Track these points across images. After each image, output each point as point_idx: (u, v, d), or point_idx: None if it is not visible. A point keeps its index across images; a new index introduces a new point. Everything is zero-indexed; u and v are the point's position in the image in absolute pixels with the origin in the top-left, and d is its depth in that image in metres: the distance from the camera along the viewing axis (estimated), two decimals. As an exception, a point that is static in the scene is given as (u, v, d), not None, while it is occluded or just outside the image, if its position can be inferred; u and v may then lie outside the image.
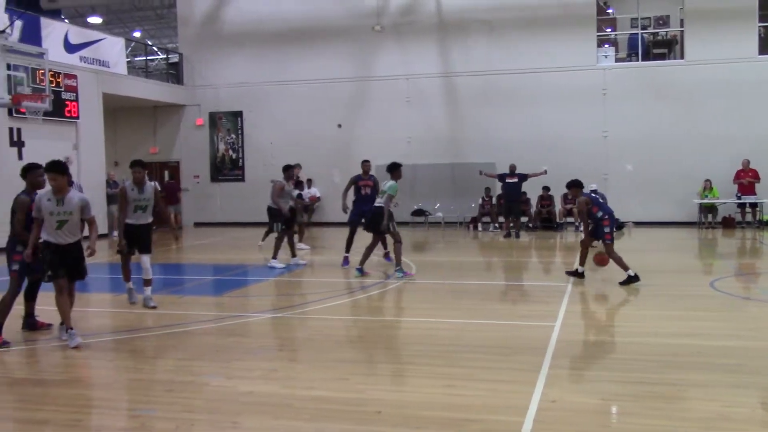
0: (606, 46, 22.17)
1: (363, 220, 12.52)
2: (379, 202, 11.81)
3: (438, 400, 5.58)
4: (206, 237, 20.31)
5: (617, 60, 21.84)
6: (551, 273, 13.16)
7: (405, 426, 5.03)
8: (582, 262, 11.36)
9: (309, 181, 22.89)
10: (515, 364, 6.60)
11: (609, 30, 22.93)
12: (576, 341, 7.40)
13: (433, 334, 7.94)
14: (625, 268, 10.75)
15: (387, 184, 11.83)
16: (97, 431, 5.09)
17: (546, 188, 20.42)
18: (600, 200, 11.75)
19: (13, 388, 6.28)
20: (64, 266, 7.53)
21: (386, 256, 13.23)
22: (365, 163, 13.73)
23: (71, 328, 7.55)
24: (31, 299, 8.22)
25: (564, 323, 8.17)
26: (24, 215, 7.80)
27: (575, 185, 11.67)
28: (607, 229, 10.92)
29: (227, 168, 24.51)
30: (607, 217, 10.98)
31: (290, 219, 13.68)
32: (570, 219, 20.35)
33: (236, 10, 24.05)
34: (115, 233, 20.38)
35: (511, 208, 19.02)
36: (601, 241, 11.11)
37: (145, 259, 9.59)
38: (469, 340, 7.65)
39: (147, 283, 9.64)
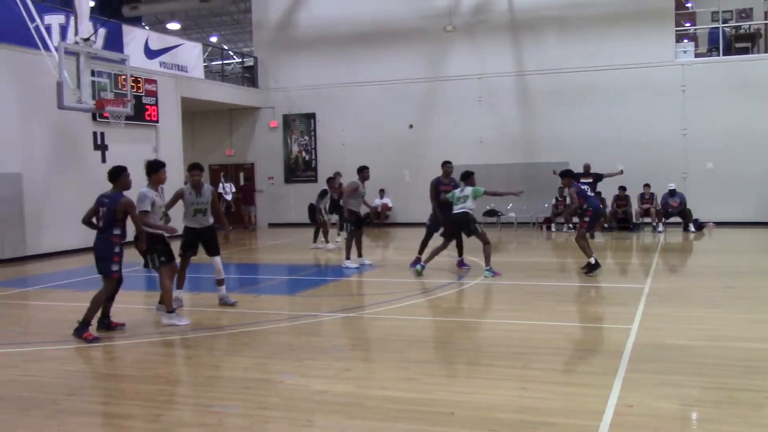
0: (685, 41, 21.52)
1: (442, 227, 12.68)
2: (463, 207, 11.97)
3: (512, 402, 5.53)
4: (280, 237, 20.64)
5: (697, 55, 21.17)
6: (628, 274, 12.86)
7: (479, 428, 5.01)
8: (589, 254, 11.79)
9: (381, 191, 23.03)
10: (591, 367, 6.49)
11: (688, 24, 22.26)
12: (654, 344, 7.21)
13: (506, 336, 7.87)
14: (589, 255, 11.62)
15: (467, 189, 12.06)
16: (178, 426, 5.23)
17: (622, 188, 19.97)
18: (587, 193, 12.26)
19: (100, 383, 6.53)
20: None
21: (461, 263, 12.94)
22: (447, 165, 13.05)
23: (173, 311, 8.53)
24: (109, 300, 8.47)
25: (641, 326, 7.97)
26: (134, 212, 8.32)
27: (567, 175, 12.31)
28: (586, 219, 11.90)
29: (300, 169, 24.85)
30: (591, 209, 11.84)
31: (360, 220, 13.70)
32: (647, 219, 19.85)
33: (309, 14, 24.37)
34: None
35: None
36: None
37: (217, 260, 9.72)
38: (544, 342, 7.55)
39: (220, 282, 9.85)
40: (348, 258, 13.34)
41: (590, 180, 18.42)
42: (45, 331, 8.91)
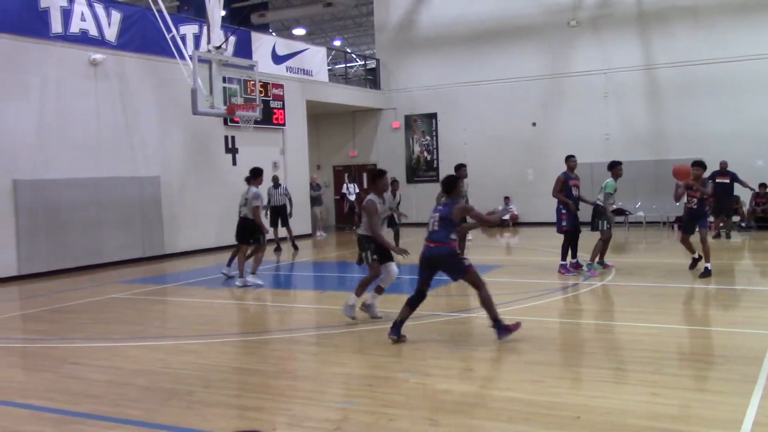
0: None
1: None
2: (598, 200, 12.10)
3: (642, 409, 5.34)
4: (403, 237, 20.78)
5: (844, 42, 19.67)
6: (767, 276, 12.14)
7: (606, 433, 4.87)
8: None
9: (506, 199, 22.75)
10: (727, 373, 6.17)
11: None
12: (798, 352, 6.77)
13: (636, 339, 7.60)
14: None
15: (605, 182, 12.18)
16: (304, 420, 5.38)
17: (762, 185, 18.84)
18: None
19: (232, 377, 6.82)
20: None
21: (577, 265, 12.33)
22: (572, 160, 12.50)
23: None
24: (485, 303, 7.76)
25: (784, 332, 7.51)
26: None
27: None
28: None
29: (422, 169, 24.97)
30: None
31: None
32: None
33: (430, 15, 24.45)
34: (319, 233, 21.65)
35: (722, 207, 17.69)
36: None
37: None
38: (676, 346, 7.24)
39: (379, 290, 9.09)
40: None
41: (727, 180, 17.45)
42: (181, 326, 9.39)
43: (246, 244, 12.35)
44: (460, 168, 13.01)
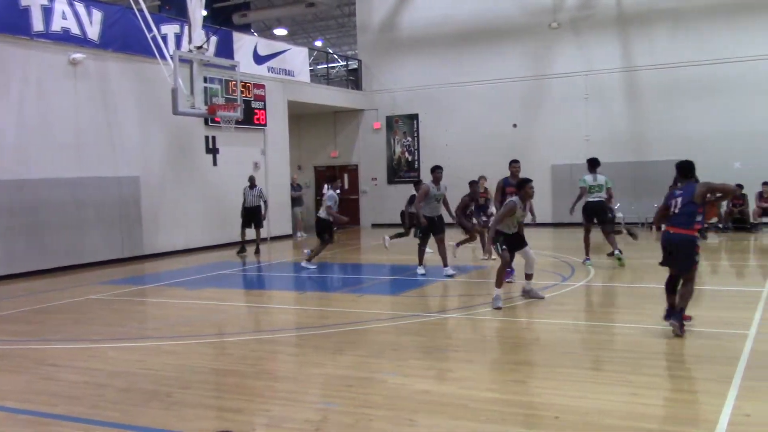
0: (809, 30, 20.29)
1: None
2: (599, 196, 12.86)
3: (621, 409, 5.38)
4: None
5: (822, 45, 19.93)
6: (745, 277, 12.26)
7: (584, 433, 4.91)
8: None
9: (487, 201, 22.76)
10: (704, 373, 6.23)
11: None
12: (774, 352, 6.86)
13: (614, 339, 7.66)
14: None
15: (600, 177, 13.04)
16: (284, 422, 5.38)
17: (739, 186, 18.99)
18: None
19: (212, 378, 6.80)
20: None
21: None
22: (514, 165, 12.36)
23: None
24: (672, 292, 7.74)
25: (759, 331, 7.59)
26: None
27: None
28: None
29: (403, 170, 24.99)
30: None
31: (435, 226, 12.40)
32: (766, 219, 18.84)
33: (412, 16, 24.48)
34: (300, 234, 21.60)
35: None
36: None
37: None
38: (654, 346, 7.30)
39: (528, 277, 9.94)
40: (420, 264, 12.70)
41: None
42: (161, 326, 9.34)
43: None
44: (435, 170, 12.47)
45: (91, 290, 12.30)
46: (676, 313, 7.44)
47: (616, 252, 12.77)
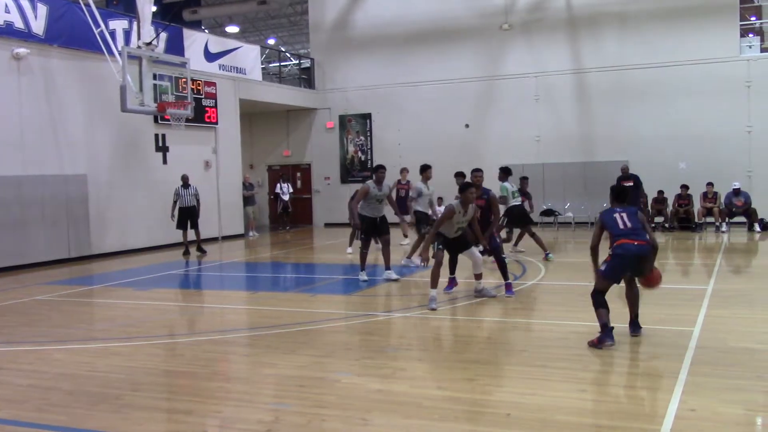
0: (750, 35, 20.91)
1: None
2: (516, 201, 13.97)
3: (571, 405, 5.47)
4: (337, 237, 20.76)
5: (762, 50, 20.54)
6: (690, 275, 12.57)
7: (536, 430, 4.96)
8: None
9: (440, 199, 22.90)
10: (651, 369, 6.36)
11: (753, 18, 21.63)
12: (717, 347, 7.03)
13: (565, 337, 7.77)
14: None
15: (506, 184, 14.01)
16: (236, 423, 5.32)
17: (684, 186, 19.52)
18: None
19: (161, 379, 6.69)
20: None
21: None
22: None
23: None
24: None
25: (704, 328, 7.79)
26: None
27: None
28: None
29: (356, 169, 24.98)
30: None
31: (376, 227, 11.98)
32: (710, 219, 19.34)
33: (365, 15, 24.49)
34: (252, 233, 21.43)
35: None
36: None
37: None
38: (602, 343, 7.41)
39: (478, 277, 10.02)
40: (362, 269, 11.96)
41: (630, 183, 17.88)
42: (109, 327, 9.16)
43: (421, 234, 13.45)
44: (378, 169, 11.95)
45: (37, 291, 12.00)
46: (635, 321, 7.54)
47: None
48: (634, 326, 7.52)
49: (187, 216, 16.70)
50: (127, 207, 17.49)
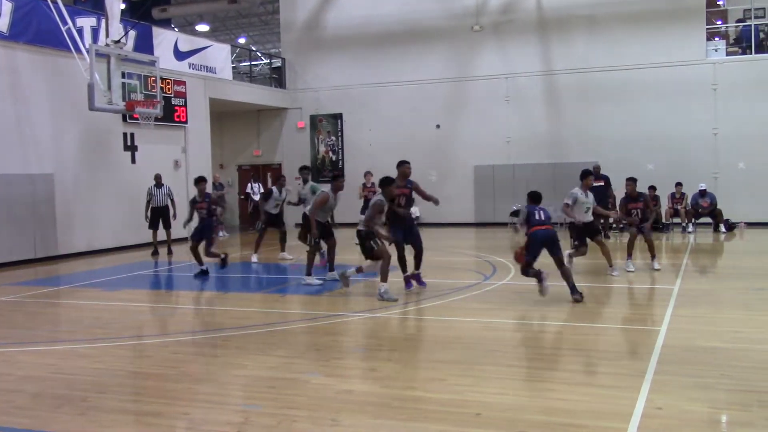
0: (716, 39, 21.24)
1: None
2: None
3: (540, 404, 5.51)
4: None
5: (728, 53, 20.88)
6: (657, 275, 12.72)
7: (505, 429, 4.98)
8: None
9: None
10: (619, 368, 6.43)
11: (719, 22, 21.97)
12: (683, 346, 7.13)
13: (533, 337, 7.82)
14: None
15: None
16: (204, 425, 5.28)
17: (652, 187, 19.70)
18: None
19: (128, 381, 6.60)
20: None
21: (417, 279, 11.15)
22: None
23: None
24: None
25: (670, 327, 7.89)
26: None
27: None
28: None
29: (327, 169, 24.91)
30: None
31: (328, 231, 12.21)
32: (677, 219, 19.61)
33: (336, 15, 24.45)
34: (222, 233, 21.26)
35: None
36: None
37: None
38: (571, 343, 7.49)
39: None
40: (309, 274, 11.67)
41: (601, 183, 18.11)
42: (75, 329, 9.03)
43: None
44: (338, 178, 11.98)
45: (0, 292, 11.79)
46: (573, 288, 9.48)
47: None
48: (573, 291, 9.46)
49: (160, 216, 16.52)
50: (94, 206, 17.26)
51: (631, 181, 12.78)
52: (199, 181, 13.17)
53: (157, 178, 16.63)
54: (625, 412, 5.18)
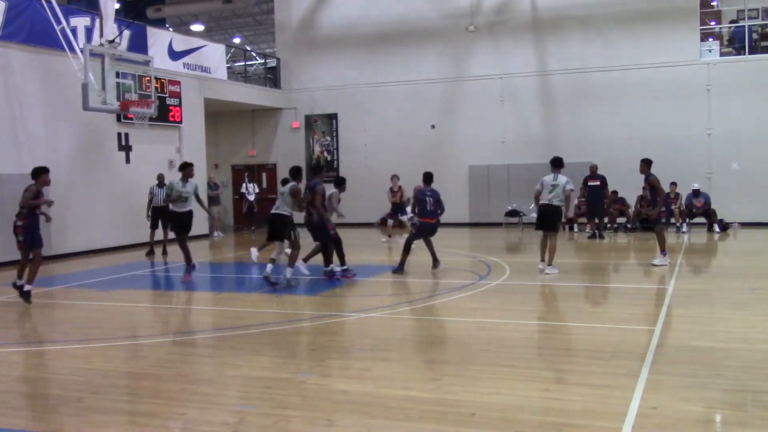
0: (710, 39, 21.30)
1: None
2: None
3: (535, 404, 5.51)
4: (302, 237, 20.70)
5: (722, 54, 20.94)
6: (651, 275, 12.75)
7: (500, 429, 4.99)
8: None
9: (408, 200, 22.92)
10: (614, 368, 6.44)
11: (713, 23, 22.02)
12: (678, 346, 7.16)
13: (528, 337, 7.83)
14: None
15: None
16: (200, 425, 5.27)
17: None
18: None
19: (123, 381, 6.59)
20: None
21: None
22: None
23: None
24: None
25: (665, 327, 7.91)
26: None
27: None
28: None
29: (322, 170, 24.86)
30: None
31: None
32: (671, 220, 19.65)
33: (331, 15, 24.44)
34: (217, 234, 21.24)
35: (594, 209, 18.59)
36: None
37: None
38: (566, 343, 7.50)
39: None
40: (291, 266, 11.90)
41: (597, 183, 18.25)
42: (69, 329, 9.01)
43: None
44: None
45: (-5, 292, 11.75)
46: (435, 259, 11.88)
47: None
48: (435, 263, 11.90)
49: (160, 215, 16.49)
50: (89, 206, 17.20)
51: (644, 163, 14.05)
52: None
53: (160, 178, 16.65)
54: (619, 412, 5.19)
